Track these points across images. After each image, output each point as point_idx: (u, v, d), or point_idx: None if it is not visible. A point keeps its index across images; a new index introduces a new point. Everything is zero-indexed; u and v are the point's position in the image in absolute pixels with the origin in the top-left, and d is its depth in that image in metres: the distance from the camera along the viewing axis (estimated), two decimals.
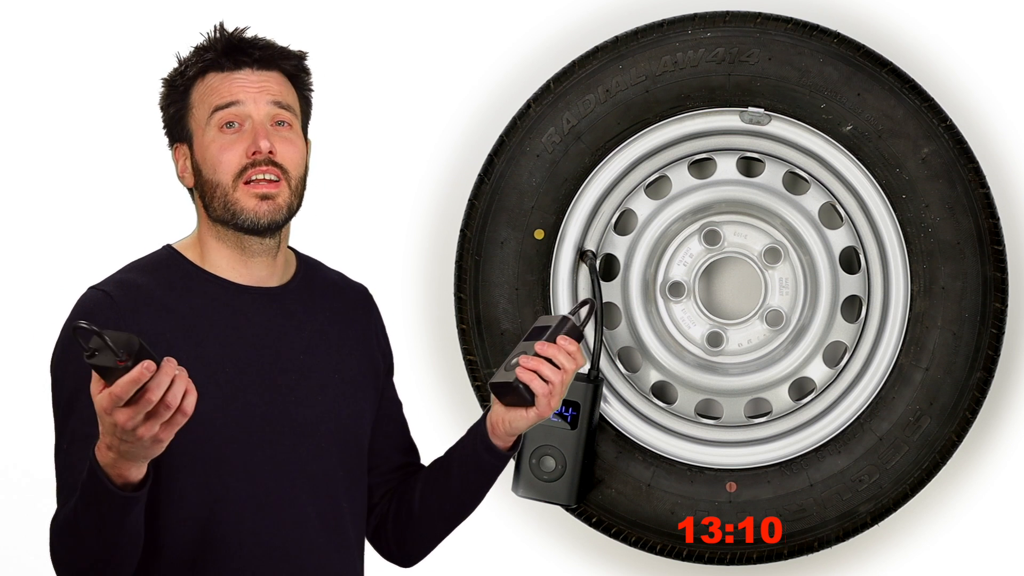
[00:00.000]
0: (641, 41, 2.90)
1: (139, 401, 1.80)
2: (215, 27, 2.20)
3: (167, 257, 2.19)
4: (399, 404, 2.35)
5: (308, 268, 2.27)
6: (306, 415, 2.16)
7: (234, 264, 2.18)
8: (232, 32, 2.19)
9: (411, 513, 2.26)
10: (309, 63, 2.24)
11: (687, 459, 2.94)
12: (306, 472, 2.15)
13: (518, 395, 2.09)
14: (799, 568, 3.02)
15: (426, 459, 2.37)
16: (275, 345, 2.16)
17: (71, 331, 1.78)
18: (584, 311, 2.16)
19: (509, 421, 2.14)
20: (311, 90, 2.25)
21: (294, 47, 2.23)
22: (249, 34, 2.20)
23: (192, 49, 2.20)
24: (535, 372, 2.09)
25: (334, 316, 2.25)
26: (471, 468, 2.20)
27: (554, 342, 2.10)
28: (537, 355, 2.09)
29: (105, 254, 2.54)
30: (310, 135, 2.25)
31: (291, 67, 2.21)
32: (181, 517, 2.10)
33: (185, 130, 2.19)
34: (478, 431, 2.19)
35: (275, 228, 2.16)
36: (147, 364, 1.78)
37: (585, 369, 2.91)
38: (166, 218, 2.28)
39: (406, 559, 2.32)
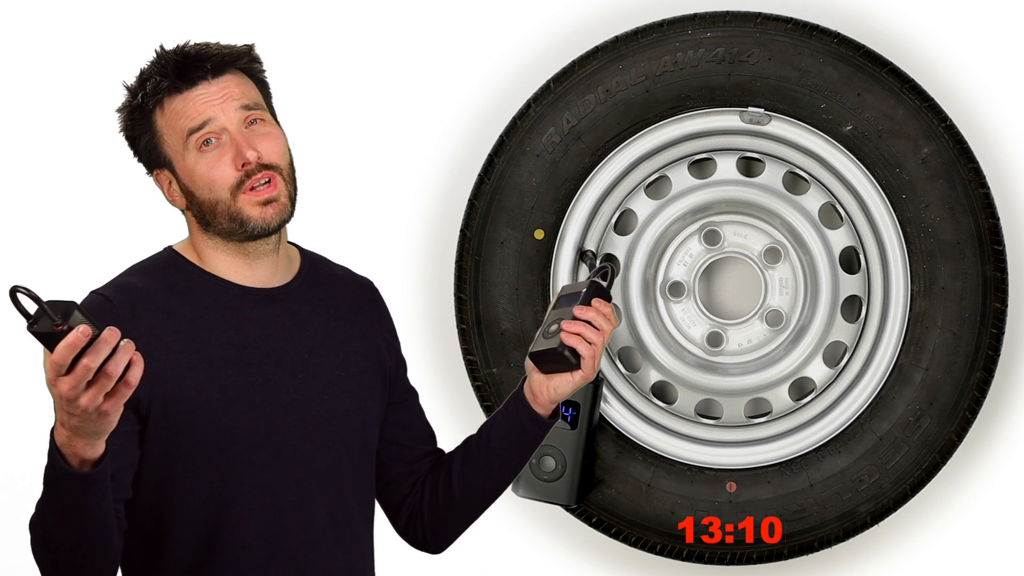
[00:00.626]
0: (641, 41, 2.90)
1: (77, 368, 1.78)
2: (157, 52, 2.17)
3: (168, 259, 2.19)
4: (415, 394, 2.35)
5: (312, 265, 2.27)
6: (312, 414, 2.16)
7: (237, 267, 2.18)
8: (176, 50, 2.16)
9: (451, 494, 2.26)
10: (259, 52, 2.21)
11: (687, 459, 2.94)
12: (313, 472, 2.15)
13: (562, 361, 2.13)
14: (799, 568, 3.02)
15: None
16: (278, 345, 2.16)
17: (8, 294, 1.77)
18: (608, 275, 2.20)
19: (553, 388, 2.17)
20: (264, 71, 2.23)
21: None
22: (188, 45, 2.17)
23: (138, 76, 2.18)
24: (579, 336, 2.12)
25: (339, 312, 2.25)
26: (514, 440, 2.21)
27: (589, 305, 2.13)
28: (576, 319, 2.12)
29: (109, 257, 2.54)
30: (287, 122, 2.24)
31: (242, 65, 2.19)
32: (187, 519, 2.10)
33: (162, 156, 2.17)
34: (518, 403, 2.20)
35: (284, 224, 2.17)
36: (83, 328, 1.76)
37: None
38: (168, 220, 2.27)
39: (440, 544, 2.32)
